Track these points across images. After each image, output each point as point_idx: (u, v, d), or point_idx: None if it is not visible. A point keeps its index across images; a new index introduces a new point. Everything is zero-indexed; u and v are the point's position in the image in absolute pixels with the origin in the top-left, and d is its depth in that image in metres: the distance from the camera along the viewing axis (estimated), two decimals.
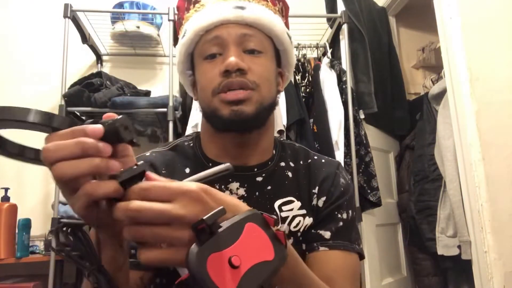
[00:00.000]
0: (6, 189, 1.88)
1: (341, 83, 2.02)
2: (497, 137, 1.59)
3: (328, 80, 2.00)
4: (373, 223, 2.10)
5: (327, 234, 0.71)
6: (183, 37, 0.74)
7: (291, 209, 0.73)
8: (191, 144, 0.79)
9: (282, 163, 0.78)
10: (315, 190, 0.75)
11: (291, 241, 0.71)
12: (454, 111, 1.69)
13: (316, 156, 0.81)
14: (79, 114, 2.09)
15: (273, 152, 0.79)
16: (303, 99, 2.07)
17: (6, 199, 1.86)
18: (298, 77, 2.13)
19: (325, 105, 1.96)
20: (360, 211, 1.90)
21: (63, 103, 1.93)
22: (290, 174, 0.77)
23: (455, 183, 1.85)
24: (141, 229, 0.39)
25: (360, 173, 1.94)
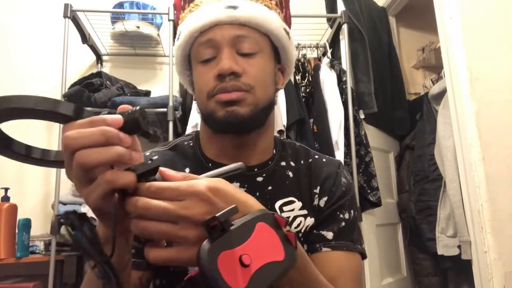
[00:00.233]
0: (6, 189, 1.88)
1: (341, 83, 2.02)
2: (497, 137, 1.59)
3: (328, 80, 2.00)
4: (373, 223, 2.10)
5: (329, 234, 0.71)
6: (178, 39, 0.74)
7: (292, 210, 0.72)
8: (191, 144, 0.78)
9: (283, 163, 0.77)
10: (316, 190, 0.75)
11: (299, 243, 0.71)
12: (454, 111, 1.69)
13: (317, 156, 0.80)
14: None
15: (274, 151, 0.78)
16: (303, 99, 2.07)
17: (6, 199, 1.86)
18: (298, 77, 2.13)
19: (325, 105, 1.96)
20: (360, 211, 1.90)
21: None
22: (290, 174, 0.76)
23: (455, 183, 1.85)
24: (148, 224, 0.40)
25: (360, 173, 1.94)
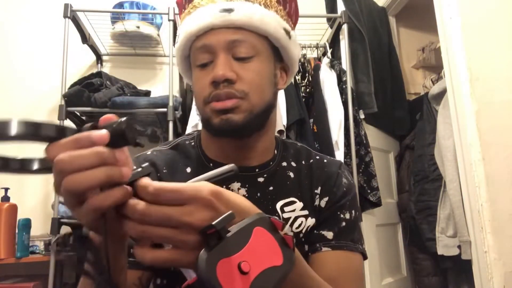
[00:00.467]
0: (6, 189, 1.88)
1: (341, 83, 2.01)
2: (497, 137, 1.59)
3: (328, 80, 2.00)
4: (373, 223, 2.10)
5: (329, 234, 0.71)
6: (177, 42, 0.74)
7: (293, 210, 0.72)
8: (193, 143, 0.78)
9: (284, 163, 0.77)
10: (317, 191, 0.75)
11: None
12: (454, 111, 1.69)
13: (318, 156, 0.80)
14: (79, 114, 2.09)
15: (275, 152, 0.78)
16: (303, 99, 2.06)
17: (6, 199, 1.86)
18: (298, 77, 2.13)
19: (325, 105, 1.96)
20: (360, 211, 1.89)
21: (63, 103, 1.93)
22: (292, 175, 0.76)
23: (455, 183, 1.85)
24: (147, 229, 0.38)
25: (360, 173, 1.94)
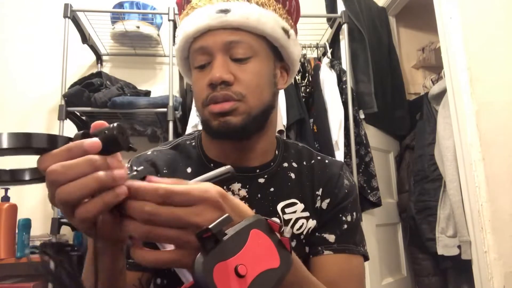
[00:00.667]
0: (6, 189, 1.88)
1: (341, 83, 2.01)
2: (497, 137, 1.59)
3: (328, 80, 2.00)
4: (373, 223, 2.10)
5: (331, 237, 0.71)
6: (176, 43, 0.74)
7: (294, 212, 0.72)
8: (193, 144, 0.78)
9: (285, 164, 0.77)
10: (318, 192, 0.74)
11: (293, 243, 0.70)
12: (454, 111, 1.69)
13: (319, 157, 0.79)
14: (79, 114, 2.09)
15: (276, 152, 0.77)
16: (303, 99, 2.06)
17: (6, 199, 1.86)
18: (298, 77, 2.12)
19: (325, 105, 1.96)
20: (361, 212, 1.90)
21: (63, 103, 1.93)
22: (293, 176, 0.76)
23: (455, 183, 1.85)
24: (154, 229, 0.38)
25: (360, 173, 1.94)
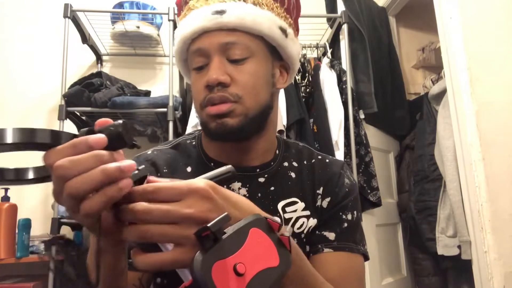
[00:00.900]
0: (6, 189, 1.88)
1: (341, 83, 2.01)
2: (497, 137, 1.59)
3: (328, 80, 2.00)
4: (373, 223, 2.10)
5: (331, 235, 0.71)
6: (174, 45, 0.75)
7: (295, 210, 0.72)
8: (194, 143, 0.78)
9: (285, 163, 0.77)
10: (319, 191, 0.74)
11: (294, 242, 0.71)
12: (454, 111, 1.69)
13: (320, 156, 0.80)
14: (79, 114, 2.09)
15: (276, 152, 0.78)
16: (303, 99, 2.06)
17: (6, 199, 1.86)
18: (298, 77, 2.12)
19: (325, 105, 1.96)
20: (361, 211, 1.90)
21: (63, 103, 1.93)
22: (293, 175, 0.76)
23: (455, 183, 1.85)
24: (149, 228, 0.38)
25: (360, 173, 1.94)
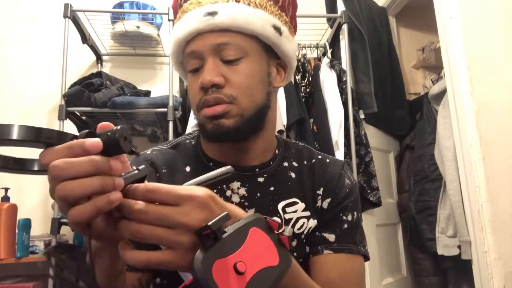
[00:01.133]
0: (6, 189, 1.88)
1: (341, 83, 2.01)
2: (497, 137, 1.59)
3: (328, 80, 2.00)
4: (373, 223, 2.10)
5: (331, 237, 0.71)
6: (170, 48, 0.75)
7: (295, 211, 0.72)
8: (193, 143, 0.78)
9: (285, 163, 0.77)
10: (319, 192, 0.74)
11: (294, 243, 0.70)
12: (454, 111, 1.69)
13: (320, 156, 0.79)
14: (79, 114, 2.09)
15: (276, 151, 0.77)
16: (303, 99, 2.06)
17: (6, 199, 1.86)
18: (298, 77, 2.12)
19: (325, 105, 1.96)
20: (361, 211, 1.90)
21: (63, 103, 1.93)
22: (293, 175, 0.75)
23: (455, 183, 1.85)
24: (142, 228, 0.39)
25: (360, 173, 1.94)
